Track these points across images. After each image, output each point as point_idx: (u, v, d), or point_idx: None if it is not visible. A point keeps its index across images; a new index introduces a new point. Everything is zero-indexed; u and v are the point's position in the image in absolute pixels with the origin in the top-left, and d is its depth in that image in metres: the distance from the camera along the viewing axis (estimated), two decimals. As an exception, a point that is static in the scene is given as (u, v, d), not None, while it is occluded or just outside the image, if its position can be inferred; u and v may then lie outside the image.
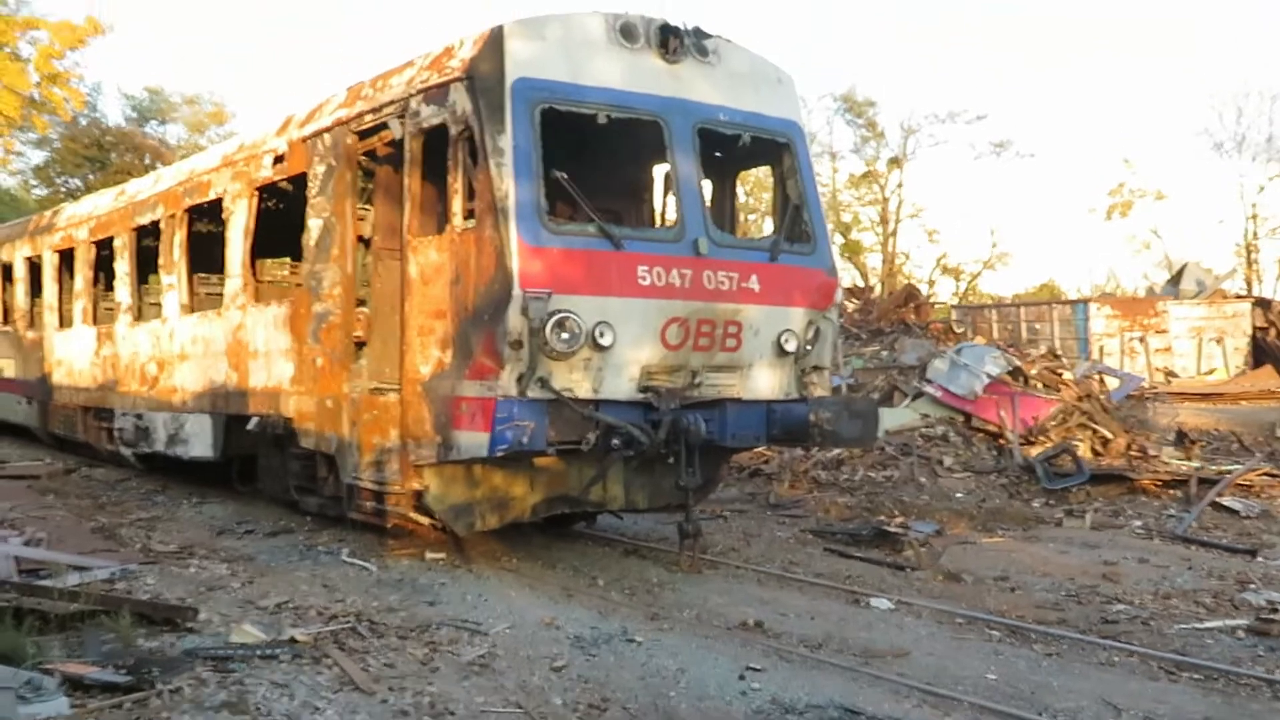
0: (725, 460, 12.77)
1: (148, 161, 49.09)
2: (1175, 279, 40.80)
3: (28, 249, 21.33)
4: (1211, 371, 33.25)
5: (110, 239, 17.47)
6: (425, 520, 10.72)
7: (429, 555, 10.94)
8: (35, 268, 20.92)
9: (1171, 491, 15.42)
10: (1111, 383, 23.31)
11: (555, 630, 8.42)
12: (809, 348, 10.86)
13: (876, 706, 6.83)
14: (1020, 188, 51.98)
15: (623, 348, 9.71)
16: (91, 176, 50.38)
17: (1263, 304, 36.76)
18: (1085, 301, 37.68)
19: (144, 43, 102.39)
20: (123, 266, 17.00)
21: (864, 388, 20.12)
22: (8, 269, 22.46)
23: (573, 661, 7.69)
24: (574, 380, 9.55)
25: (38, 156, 54.25)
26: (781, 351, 10.65)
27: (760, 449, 15.22)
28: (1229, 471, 16.07)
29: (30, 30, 41.15)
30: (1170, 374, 32.88)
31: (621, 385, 9.79)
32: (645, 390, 9.86)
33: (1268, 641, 8.70)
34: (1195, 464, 17.17)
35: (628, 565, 11.19)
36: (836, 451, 16.72)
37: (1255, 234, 54.82)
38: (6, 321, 22.65)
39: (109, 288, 18.30)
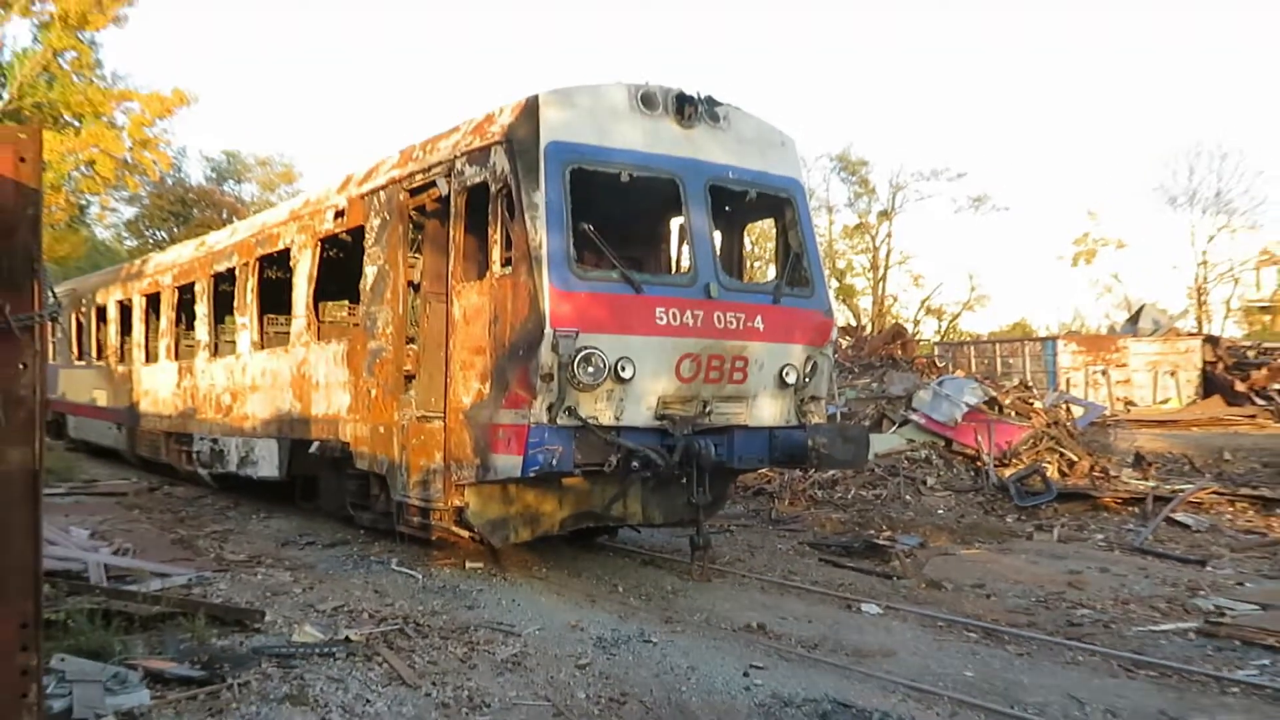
0: (732, 480, 12.75)
1: (225, 216, 49.54)
2: (1134, 318, 40.68)
3: (119, 293, 21.50)
4: (1166, 401, 33.08)
5: (191, 284, 17.60)
6: (465, 533, 10.72)
7: (468, 565, 10.92)
8: (126, 310, 21.08)
9: (1130, 508, 15.32)
10: (1077, 411, 23.18)
11: (580, 632, 8.38)
12: (807, 380, 10.84)
13: (866, 700, 6.78)
14: (996, 237, 52.21)
15: (642, 380, 9.71)
16: (175, 229, 50.90)
17: (1212, 341, 36.65)
18: (1054, 339, 37.59)
19: (223, 110, 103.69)
20: (202, 308, 17.12)
21: (856, 416, 20.05)
22: (102, 311, 22.63)
23: (595, 660, 7.66)
24: (598, 409, 9.56)
25: (129, 212, 54.88)
26: (783, 383, 10.63)
27: (763, 470, 15.18)
28: (1181, 490, 15.96)
29: (125, 101, 41.63)
30: (1129, 403, 32.73)
31: (640, 413, 9.78)
32: (661, 418, 9.85)
33: (1215, 642, 8.63)
34: (1151, 483, 17.05)
35: (645, 574, 11.15)
36: (831, 472, 16.67)
37: (1205, 279, 54.70)
38: (100, 357, 22.80)
39: (189, 327, 18.43)
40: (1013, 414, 19.35)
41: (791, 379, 10.66)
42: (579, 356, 9.34)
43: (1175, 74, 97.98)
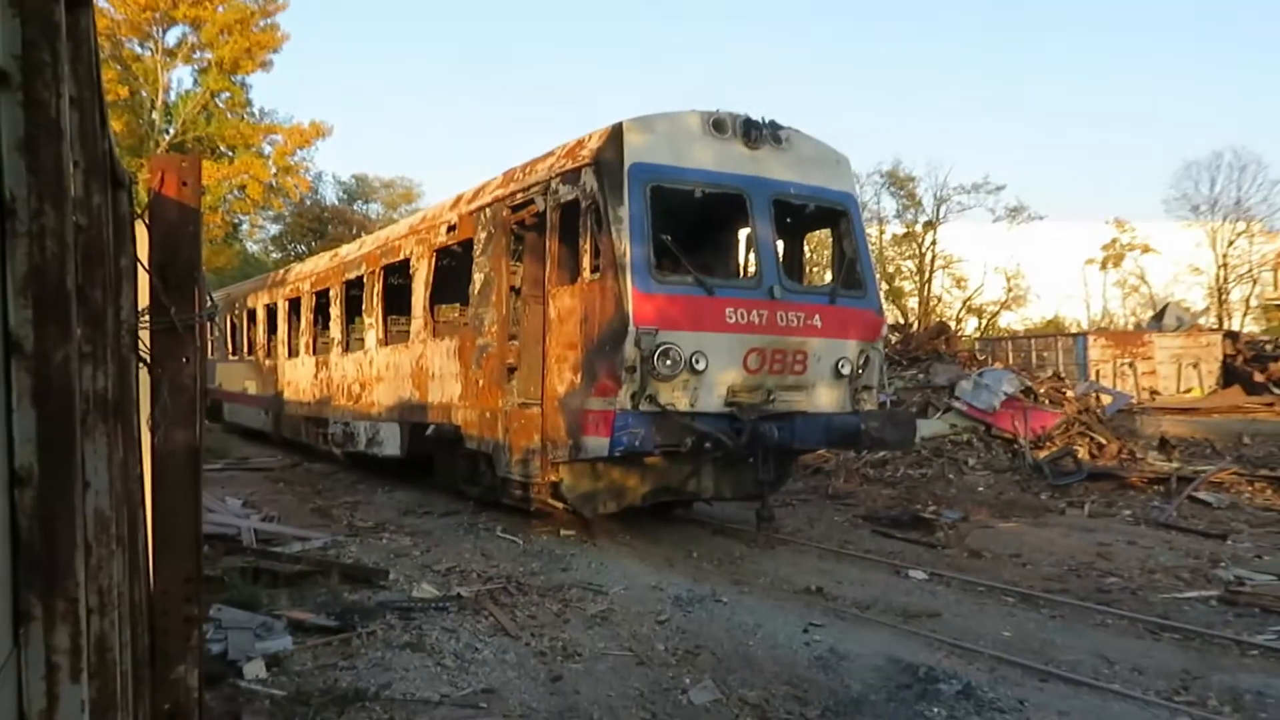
0: (794, 460, 12.64)
1: (354, 231, 50.42)
2: (1159, 316, 39.38)
3: (266, 298, 22.03)
4: (1189, 390, 31.99)
5: (326, 290, 17.96)
6: (560, 505, 10.79)
7: (563, 532, 10.99)
8: (271, 312, 21.58)
9: (1155, 487, 14.87)
10: (1106, 399, 22.56)
11: (659, 592, 8.38)
12: (861, 371, 10.71)
13: (914, 656, 6.67)
14: (1032, 243, 50.89)
15: (713, 372, 9.68)
16: (313, 243, 51.92)
17: (1231, 335, 35.43)
18: (1084, 334, 36.58)
19: (354, 137, 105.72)
20: (335, 310, 17.47)
21: (904, 403, 19.74)
22: (252, 313, 23.20)
23: (673, 616, 7.65)
24: (675, 397, 9.55)
25: (274, 229, 56.21)
26: (839, 374, 10.52)
27: (821, 451, 15.03)
28: (1203, 471, 15.44)
29: (270, 134, 42.69)
30: (1154, 392, 31.73)
31: (712, 401, 9.75)
32: (731, 405, 9.81)
33: (1235, 609, 8.33)
34: (1175, 465, 16.52)
35: (716, 542, 11.11)
36: (882, 453, 16.45)
37: (1225, 279, 52.79)
38: (250, 352, 23.39)
39: (325, 327, 18.81)
40: (1046, 402, 18.92)
41: (846, 370, 10.55)
42: (658, 351, 9.35)
43: (1198, 90, 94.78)
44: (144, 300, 3.91)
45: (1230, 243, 52.42)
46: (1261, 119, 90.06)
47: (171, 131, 39.74)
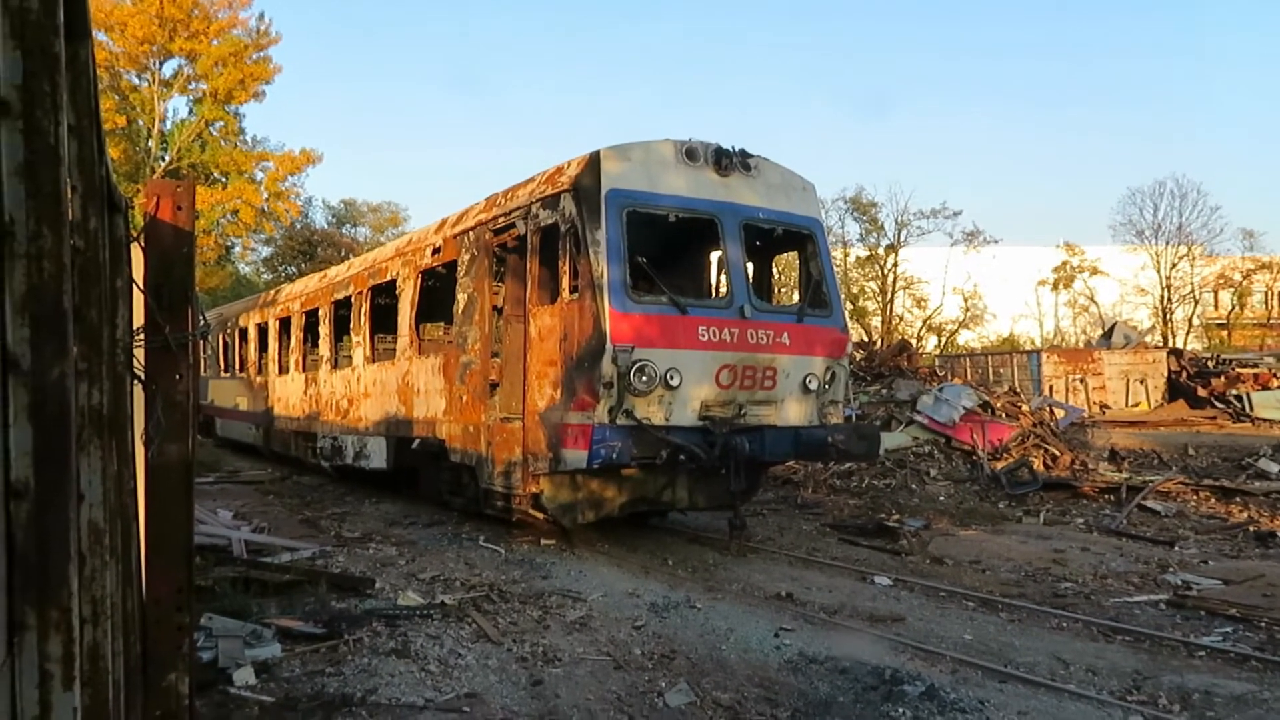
0: (764, 471, 12.65)
1: (343, 254, 50.22)
2: (1107, 334, 39.78)
3: (257, 318, 21.87)
4: (1137, 404, 32.32)
5: (316, 309, 17.86)
6: (540, 515, 10.74)
7: (543, 541, 10.95)
8: (263, 330, 21.43)
9: (1106, 496, 15.00)
10: (1059, 413, 22.77)
11: (636, 598, 8.36)
12: (827, 386, 10.76)
13: (880, 659, 6.68)
14: (988, 265, 51.45)
15: (687, 387, 9.70)
16: (303, 265, 51.64)
17: (1175, 353, 35.87)
18: (1038, 351, 36.92)
19: (342, 163, 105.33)
20: (324, 329, 17.36)
21: (869, 417, 19.82)
22: (244, 332, 23.03)
23: (649, 622, 7.62)
24: (651, 411, 9.55)
25: (265, 251, 55.87)
26: (806, 389, 10.56)
27: (790, 463, 15.07)
28: (1151, 481, 15.59)
29: (262, 161, 42.51)
30: (1104, 406, 32.03)
31: (686, 415, 9.76)
32: (704, 419, 9.83)
33: (1183, 612, 8.40)
34: (1125, 475, 16.67)
35: (690, 550, 11.10)
36: (848, 464, 16.51)
37: (1169, 300, 53.51)
38: (242, 370, 23.19)
39: (314, 345, 18.68)
40: (1003, 415, 19.05)
41: (813, 386, 10.59)
42: (635, 367, 9.36)
43: (1143, 120, 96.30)
44: (139, 319, 3.88)
45: (1173, 265, 53.20)
46: (1200, 149, 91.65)
47: (167, 158, 39.50)
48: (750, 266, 11.15)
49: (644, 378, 9.41)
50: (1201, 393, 30.96)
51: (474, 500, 11.85)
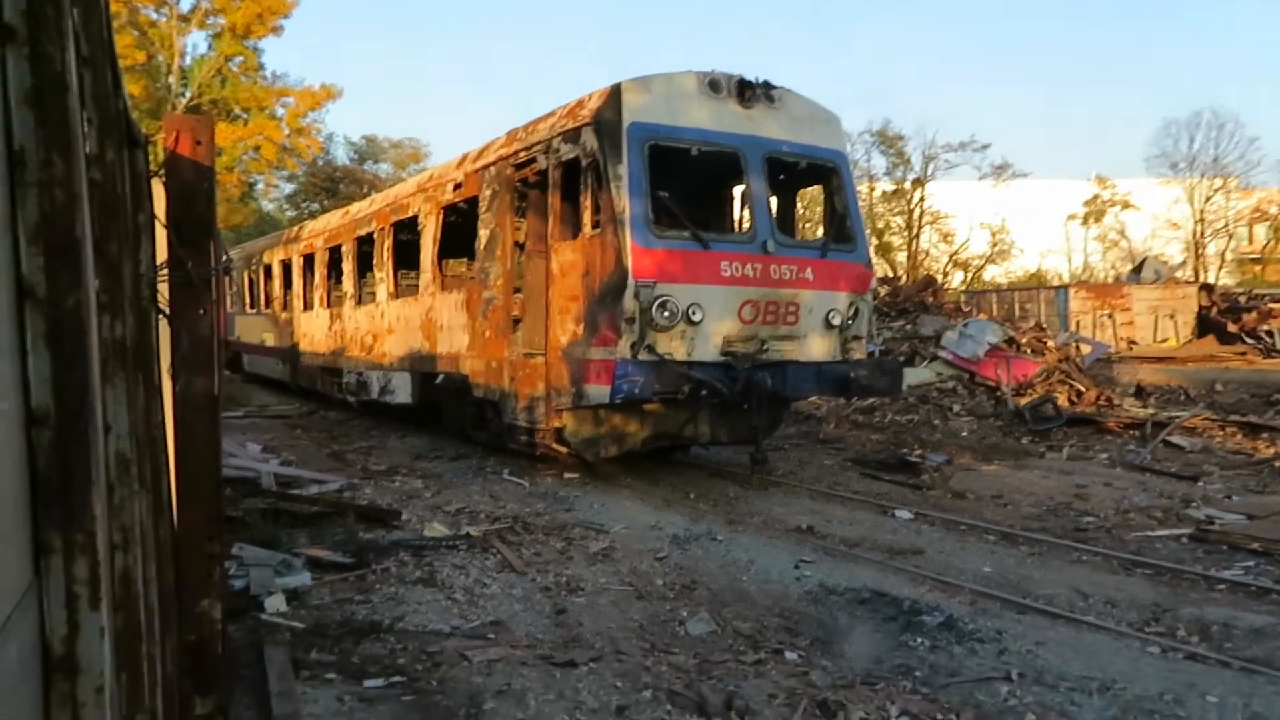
0: (786, 406, 12.69)
1: (365, 190, 50.09)
2: (1137, 269, 39.21)
3: (281, 254, 21.95)
4: (1165, 340, 31.97)
5: (339, 246, 17.89)
6: (564, 450, 10.84)
7: (566, 475, 11.06)
8: (287, 267, 21.52)
9: (1131, 432, 14.91)
10: (1085, 349, 22.55)
11: (658, 531, 8.46)
12: (850, 322, 10.71)
13: (899, 590, 6.74)
14: (1016, 199, 50.55)
15: (709, 322, 9.68)
16: (326, 201, 51.57)
17: (1207, 288, 35.33)
18: (1065, 287, 36.45)
19: (364, 98, 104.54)
20: (348, 265, 17.42)
21: (892, 353, 19.75)
22: (268, 269, 23.14)
23: (671, 553, 7.72)
24: (673, 347, 9.55)
25: (288, 188, 55.73)
26: (829, 325, 10.51)
27: (813, 398, 15.09)
28: (1177, 416, 15.48)
29: (283, 97, 42.20)
30: (1132, 342, 31.72)
31: (708, 350, 9.76)
32: (726, 354, 9.83)
33: (1205, 546, 8.38)
34: (1150, 411, 16.55)
35: (712, 484, 11.18)
36: (870, 399, 16.50)
37: (1202, 234, 52.56)
38: (268, 306, 23.37)
39: (338, 281, 18.77)
40: (1029, 351, 18.91)
41: (837, 321, 10.54)
42: (656, 303, 9.34)
43: (1180, 48, 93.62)
44: (163, 255, 3.90)
45: (1207, 199, 52.16)
46: (1239, 78, 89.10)
47: (188, 95, 39.31)
48: (774, 201, 11.03)
49: (666, 313, 9.40)
50: (1232, 328, 30.56)
51: (498, 435, 11.96)
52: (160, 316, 3.80)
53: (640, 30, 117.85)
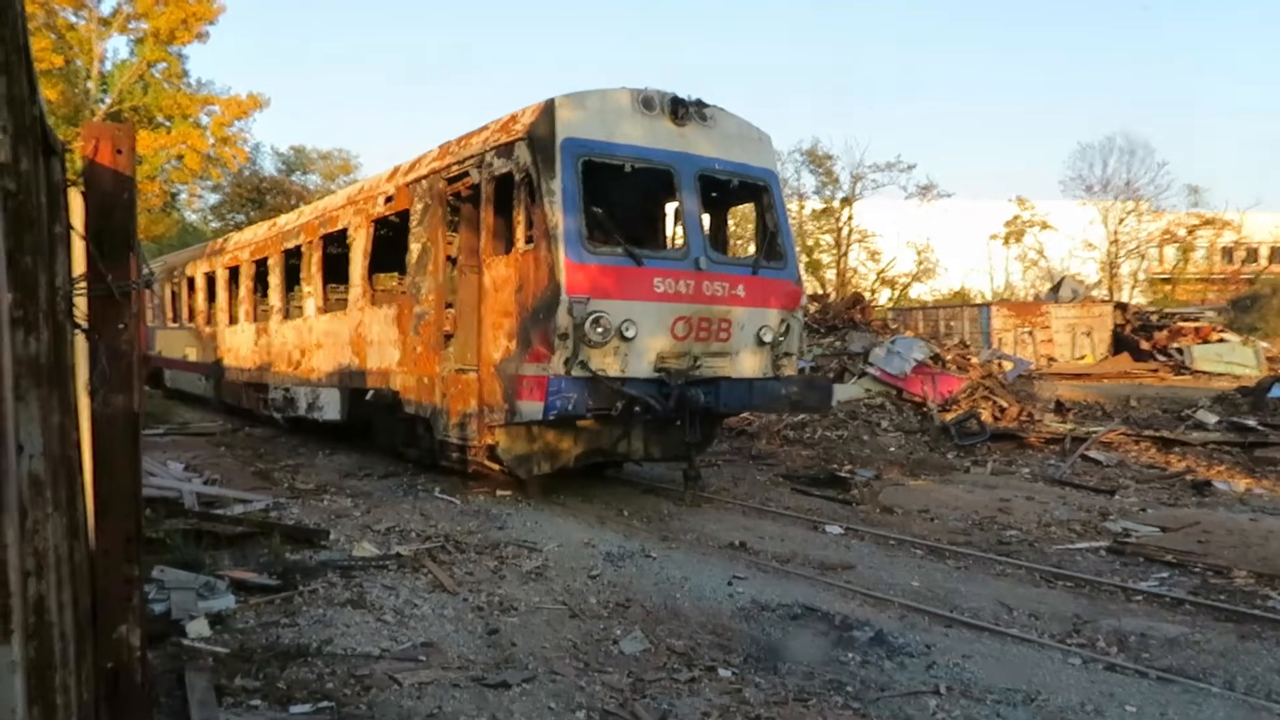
0: (719, 423, 12.74)
1: (293, 202, 49.16)
2: (1055, 288, 40.46)
3: (205, 267, 21.42)
4: (1083, 357, 32.98)
5: (265, 258, 17.52)
6: (496, 467, 10.74)
7: (499, 493, 10.95)
8: (211, 280, 21.00)
9: (1052, 447, 15.34)
10: (1007, 365, 23.15)
11: (592, 548, 8.41)
12: (781, 339, 10.82)
13: (830, 605, 6.81)
14: (941, 219, 51.81)
15: (642, 339, 9.69)
16: (251, 213, 50.48)
17: (1121, 306, 36.58)
18: (988, 305, 37.41)
19: (291, 109, 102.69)
20: (274, 279, 17.05)
21: (822, 369, 20.02)
22: (191, 281, 22.55)
23: (605, 571, 7.69)
24: (606, 363, 9.54)
25: (213, 198, 54.32)
26: (761, 342, 10.61)
27: (744, 414, 15.20)
28: (1094, 431, 15.96)
29: (208, 105, 41.24)
30: (1051, 359, 32.64)
31: (641, 367, 9.77)
32: (659, 370, 9.84)
33: (1122, 558, 8.66)
34: (1069, 426, 17.03)
35: (645, 500, 11.18)
36: (801, 415, 16.69)
37: (1116, 255, 54.44)
38: (190, 320, 22.76)
39: (264, 295, 18.36)
40: (954, 367, 19.34)
41: (768, 338, 10.64)
42: (590, 319, 9.33)
43: (1094, 78, 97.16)
44: (80, 268, 3.76)
45: (1121, 220, 54.05)
46: (1149, 104, 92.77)
47: (108, 101, 38.19)
48: (706, 218, 11.11)
49: (599, 329, 9.39)
50: (1145, 346, 31.70)
51: (429, 452, 11.80)
52: (77, 331, 3.66)
53: (577, 52, 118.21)
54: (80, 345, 3.76)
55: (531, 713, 4.83)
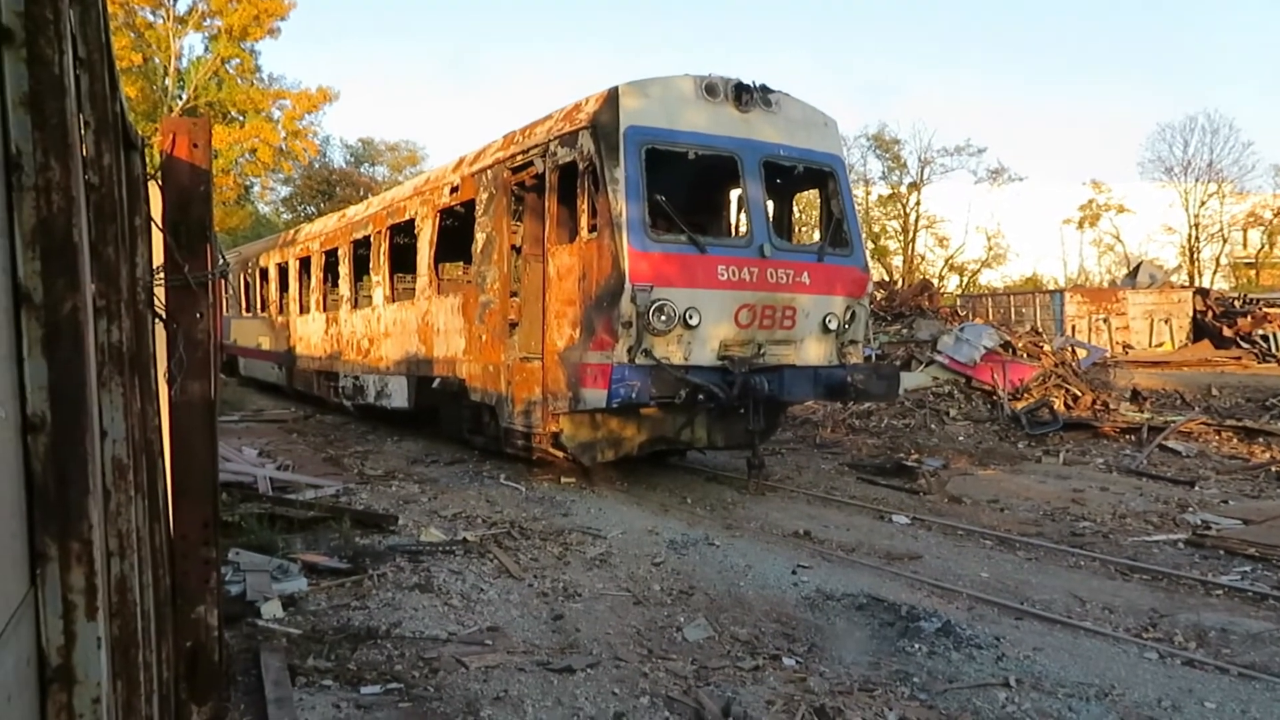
0: (783, 411, 12.68)
1: (362, 193, 50.04)
2: (1133, 273, 39.33)
3: (278, 258, 21.91)
4: (1161, 344, 32.06)
5: (335, 249, 17.86)
6: (560, 454, 10.82)
7: (563, 480, 11.04)
8: (283, 271, 21.48)
9: (1127, 436, 14.93)
10: (1081, 353, 22.58)
11: (655, 536, 8.43)
12: (847, 326, 10.70)
13: (896, 595, 6.73)
14: (1012, 203, 50.70)
15: (706, 327, 9.67)
16: (322, 204, 51.56)
17: (1201, 292, 35.41)
18: (1061, 291, 36.52)
19: (360, 102, 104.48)
20: (344, 269, 17.38)
21: (888, 357, 19.76)
22: (264, 272, 23.09)
23: (668, 559, 7.70)
24: (670, 351, 9.54)
25: (284, 191, 55.76)
26: (826, 329, 10.51)
27: (809, 403, 15.07)
28: (1173, 421, 15.50)
29: (279, 99, 42.17)
30: (1128, 346, 31.80)
31: (705, 354, 9.75)
32: (723, 358, 9.81)
33: (1201, 551, 8.39)
34: (1146, 415, 16.58)
35: (709, 488, 11.17)
36: (867, 404, 16.49)
37: (1196, 239, 52.73)
38: (264, 309, 23.32)
39: (334, 284, 18.73)
40: (1025, 355, 18.93)
41: (833, 325, 10.54)
42: (653, 307, 9.33)
43: (1175, 55, 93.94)
44: (159, 258, 3.88)
45: (1202, 203, 52.37)
46: (1235, 83, 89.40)
47: (184, 97, 39.27)
48: (770, 205, 11.04)
49: (663, 317, 9.39)
50: (1227, 332, 30.65)
51: (494, 439, 11.94)
52: (156, 321, 3.78)
53: (640, 37, 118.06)
54: (159, 334, 3.88)
55: (596, 698, 4.86)
